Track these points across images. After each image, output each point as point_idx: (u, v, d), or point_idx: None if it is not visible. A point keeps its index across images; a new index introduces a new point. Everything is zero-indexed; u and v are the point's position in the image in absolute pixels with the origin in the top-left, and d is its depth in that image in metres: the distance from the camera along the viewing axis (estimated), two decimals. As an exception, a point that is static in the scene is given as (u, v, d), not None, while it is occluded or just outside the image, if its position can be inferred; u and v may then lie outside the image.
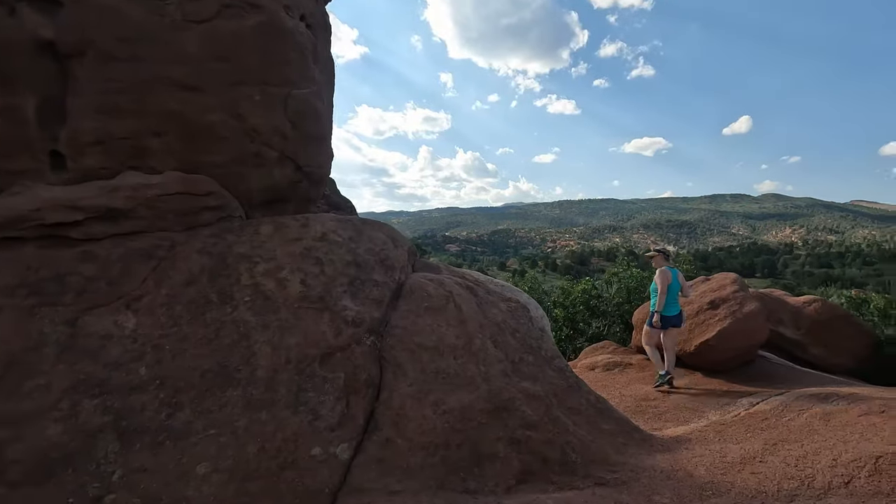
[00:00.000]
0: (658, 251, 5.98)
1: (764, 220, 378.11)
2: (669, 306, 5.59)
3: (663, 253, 5.90)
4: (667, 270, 5.67)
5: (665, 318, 5.57)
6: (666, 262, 5.84)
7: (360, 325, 3.28)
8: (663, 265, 5.77)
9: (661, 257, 5.86)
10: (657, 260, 5.92)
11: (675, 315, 5.62)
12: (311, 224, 4.06)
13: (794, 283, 79.70)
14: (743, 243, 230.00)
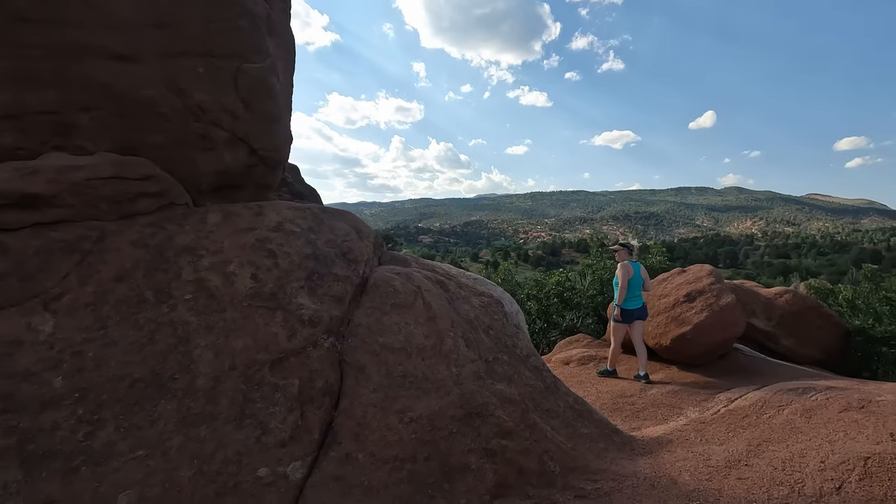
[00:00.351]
0: (621, 245, 5.97)
1: (727, 212, 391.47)
2: (633, 300, 5.63)
3: (626, 247, 5.92)
4: (628, 264, 5.70)
5: (628, 311, 5.61)
6: (629, 257, 5.86)
7: (317, 325, 2.95)
8: (625, 259, 5.79)
9: (624, 251, 5.88)
10: (620, 254, 5.93)
11: (639, 308, 5.66)
12: (265, 212, 3.68)
13: (755, 272, 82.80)
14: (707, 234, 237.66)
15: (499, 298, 4.41)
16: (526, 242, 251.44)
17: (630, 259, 5.87)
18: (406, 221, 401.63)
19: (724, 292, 5.45)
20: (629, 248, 5.91)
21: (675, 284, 5.93)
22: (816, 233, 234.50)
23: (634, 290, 5.66)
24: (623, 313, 5.65)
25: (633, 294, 5.67)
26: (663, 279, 6.28)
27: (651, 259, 9.16)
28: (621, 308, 5.64)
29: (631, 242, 6.09)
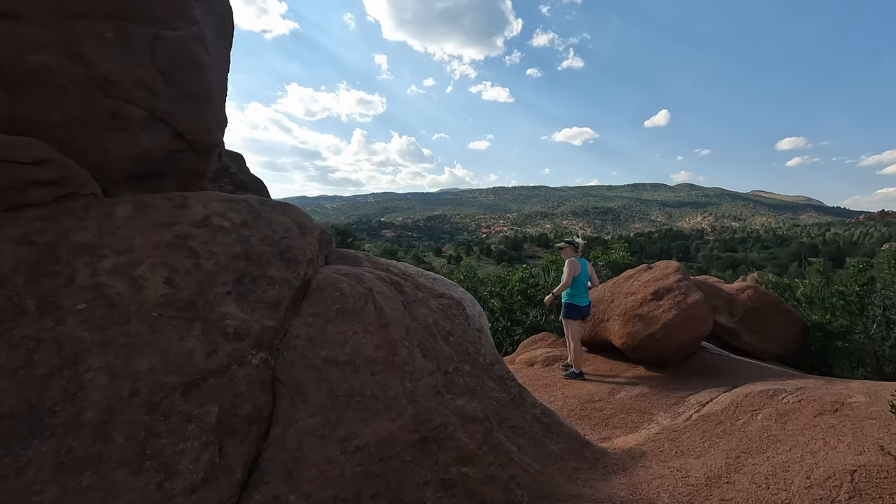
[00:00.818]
0: (567, 242, 5.97)
1: (679, 207, 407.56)
2: (580, 297, 5.64)
3: (572, 244, 5.92)
4: (575, 261, 5.69)
5: (576, 307, 5.62)
6: (574, 254, 5.85)
7: (244, 339, 2.49)
8: (571, 256, 5.78)
9: (569, 249, 5.89)
10: (565, 251, 5.92)
11: (586, 306, 5.70)
12: (189, 205, 3.16)
13: (705, 266, 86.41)
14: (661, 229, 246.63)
15: (459, 300, 4.05)
16: (488, 237, 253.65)
17: (576, 255, 5.84)
18: (368, 216, 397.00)
19: (691, 290, 5.30)
20: (574, 245, 5.89)
21: (642, 282, 5.76)
22: (760, 228, 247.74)
23: (581, 287, 5.69)
24: (574, 309, 5.64)
25: (581, 291, 5.67)
26: (630, 276, 6.10)
27: (614, 255, 9.07)
28: (573, 304, 5.64)
29: (576, 239, 6.04)
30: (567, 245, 5.86)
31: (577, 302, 5.64)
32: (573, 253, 5.82)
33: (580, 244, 5.94)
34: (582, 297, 5.68)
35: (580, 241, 5.97)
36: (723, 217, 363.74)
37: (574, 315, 5.64)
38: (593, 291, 6.38)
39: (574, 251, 5.82)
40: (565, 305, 5.68)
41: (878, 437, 2.95)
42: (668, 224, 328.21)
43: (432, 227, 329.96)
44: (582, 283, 5.68)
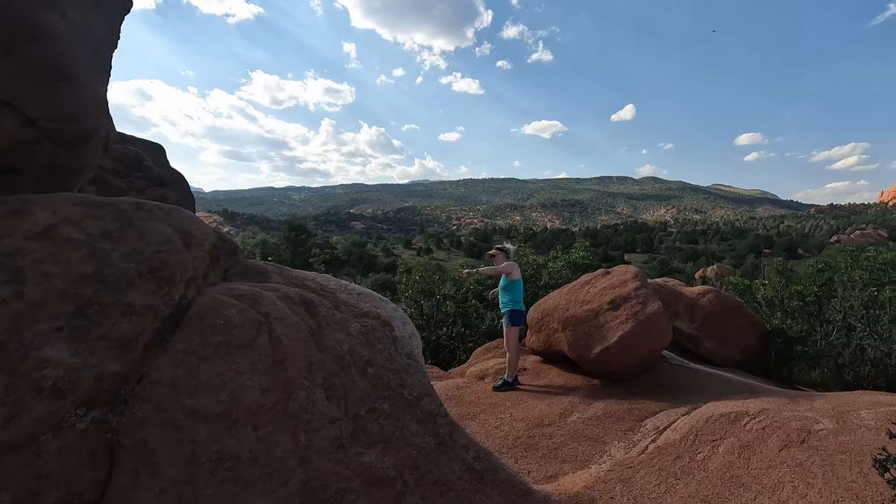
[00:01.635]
0: (498, 249, 5.72)
1: (644, 200, 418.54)
2: (522, 302, 5.42)
3: (504, 251, 5.66)
4: (514, 264, 5.49)
5: (522, 314, 5.41)
6: (506, 260, 5.57)
7: (66, 395, 1.88)
8: (505, 262, 5.53)
9: (501, 256, 5.62)
10: (498, 258, 5.64)
11: (526, 312, 5.60)
12: (30, 210, 2.50)
13: (668, 257, 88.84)
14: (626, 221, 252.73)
15: (388, 319, 3.51)
16: (459, 229, 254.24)
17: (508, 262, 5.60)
18: (337, 207, 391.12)
19: (650, 299, 4.93)
20: (506, 251, 5.65)
21: (598, 289, 5.36)
22: (720, 220, 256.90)
23: (520, 291, 5.45)
24: (520, 316, 5.39)
25: (521, 296, 5.43)
26: (586, 282, 5.70)
27: (574, 255, 8.72)
28: (520, 311, 5.38)
29: (506, 245, 5.82)
30: (499, 252, 5.61)
31: (520, 307, 5.39)
32: (505, 260, 5.55)
33: (511, 250, 5.72)
34: (521, 303, 5.44)
35: (510, 246, 5.71)
36: (685, 210, 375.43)
37: (520, 322, 5.38)
38: (547, 299, 5.97)
39: (506, 258, 5.56)
40: (512, 312, 5.35)
41: (851, 479, 2.59)
42: (634, 216, 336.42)
43: (402, 218, 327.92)
44: (519, 284, 5.43)
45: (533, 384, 5.44)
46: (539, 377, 5.62)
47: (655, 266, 67.01)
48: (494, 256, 5.59)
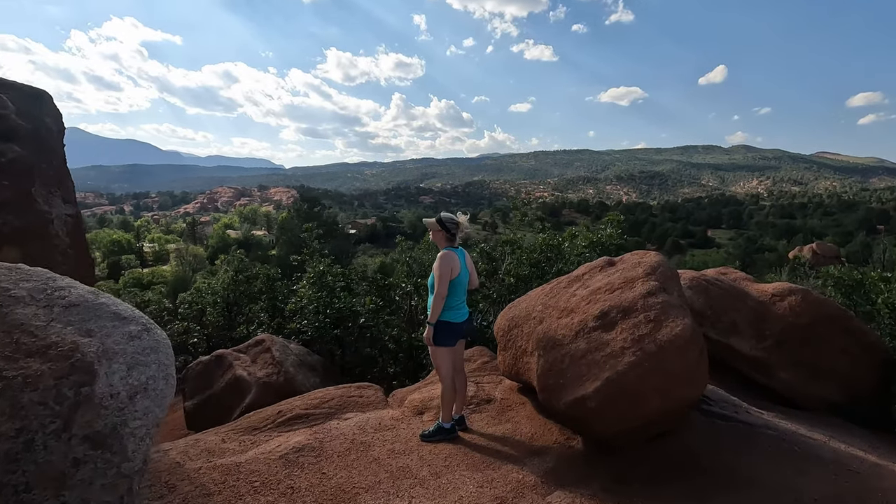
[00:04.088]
0: (439, 222, 3.53)
1: (733, 171, 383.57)
2: (456, 309, 3.46)
3: (444, 226, 3.52)
4: (451, 254, 3.43)
5: (449, 326, 3.43)
6: (449, 241, 3.53)
7: None
8: (444, 245, 3.52)
9: (440, 234, 3.52)
10: (436, 235, 3.56)
11: (464, 321, 3.53)
12: None
13: (758, 233, 79.67)
14: (712, 194, 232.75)
15: (90, 362, 1.83)
16: (527, 203, 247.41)
17: (451, 245, 3.51)
18: (407, 182, 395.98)
19: (670, 313, 2.81)
20: (448, 226, 3.50)
21: (589, 290, 3.28)
22: (823, 192, 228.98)
23: (459, 293, 3.46)
24: (447, 330, 3.42)
25: (458, 300, 3.47)
26: (576, 278, 3.61)
27: (601, 232, 6.48)
28: (445, 321, 3.41)
29: (455, 216, 3.57)
30: (438, 227, 3.49)
31: (452, 317, 3.41)
32: (446, 240, 3.50)
33: (461, 225, 3.53)
34: (459, 309, 3.46)
35: (462, 218, 3.56)
36: (781, 181, 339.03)
37: (447, 338, 3.43)
38: (523, 300, 3.97)
39: (447, 237, 3.50)
40: (438, 324, 3.42)
41: None
42: (721, 189, 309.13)
43: (471, 192, 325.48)
44: (461, 285, 3.44)
45: (486, 431, 3.56)
46: (501, 419, 3.72)
47: (741, 244, 60.07)
48: (433, 232, 3.55)
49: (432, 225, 3.51)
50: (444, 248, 3.47)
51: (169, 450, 3.62)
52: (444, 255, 3.36)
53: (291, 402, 4.25)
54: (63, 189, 4.63)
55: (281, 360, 5.66)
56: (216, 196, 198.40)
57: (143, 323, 2.10)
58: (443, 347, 3.42)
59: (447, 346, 3.43)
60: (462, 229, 3.50)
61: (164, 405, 1.96)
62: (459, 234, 3.50)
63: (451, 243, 3.48)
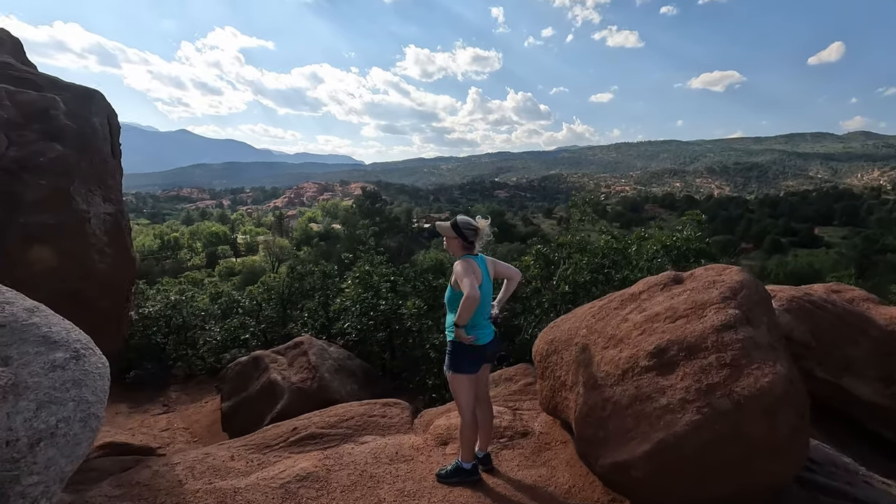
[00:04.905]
0: (454, 226, 2.92)
1: (849, 161, 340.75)
2: (480, 328, 2.87)
3: (460, 230, 2.90)
4: (472, 262, 2.82)
5: (473, 348, 2.82)
6: (465, 249, 2.91)
7: None
8: (462, 254, 2.91)
9: (456, 241, 2.92)
10: (451, 244, 2.96)
11: (488, 343, 2.90)
12: None
13: (879, 231, 69.60)
14: (821, 187, 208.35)
15: None
16: (608, 197, 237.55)
17: (471, 253, 2.91)
18: (482, 176, 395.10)
19: (756, 354, 2.03)
20: (465, 232, 2.88)
21: (644, 316, 2.54)
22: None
23: (481, 309, 2.84)
24: (464, 355, 2.84)
25: (481, 317, 2.87)
26: (629, 298, 2.85)
27: (678, 234, 5.47)
28: (462, 344, 2.82)
29: (474, 221, 2.91)
30: (453, 233, 2.89)
31: (486, 338, 2.87)
32: (462, 248, 2.90)
33: (480, 232, 2.90)
34: (482, 328, 2.86)
35: (482, 223, 2.91)
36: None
37: (468, 363, 2.85)
38: (568, 318, 3.29)
39: (463, 244, 2.89)
40: (455, 348, 2.88)
41: None
42: (833, 181, 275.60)
43: (547, 187, 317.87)
44: (483, 296, 2.79)
45: (515, 476, 2.98)
46: (536, 460, 3.12)
47: (856, 243, 52.74)
48: (447, 238, 2.97)
49: (446, 230, 2.96)
50: (460, 255, 2.92)
51: (177, 463, 3.43)
52: (463, 263, 2.82)
53: (310, 418, 3.93)
54: (104, 187, 4.65)
55: (317, 365, 5.42)
56: (302, 191, 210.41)
57: (74, 350, 1.79)
58: (463, 375, 2.88)
59: (469, 374, 2.89)
60: (482, 236, 2.92)
61: (77, 454, 1.62)
62: (479, 242, 2.94)
63: (467, 251, 2.92)
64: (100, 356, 1.86)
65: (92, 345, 1.87)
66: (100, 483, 3.18)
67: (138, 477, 3.24)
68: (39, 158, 4.22)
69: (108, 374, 1.84)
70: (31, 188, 4.03)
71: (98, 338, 4.49)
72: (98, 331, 4.47)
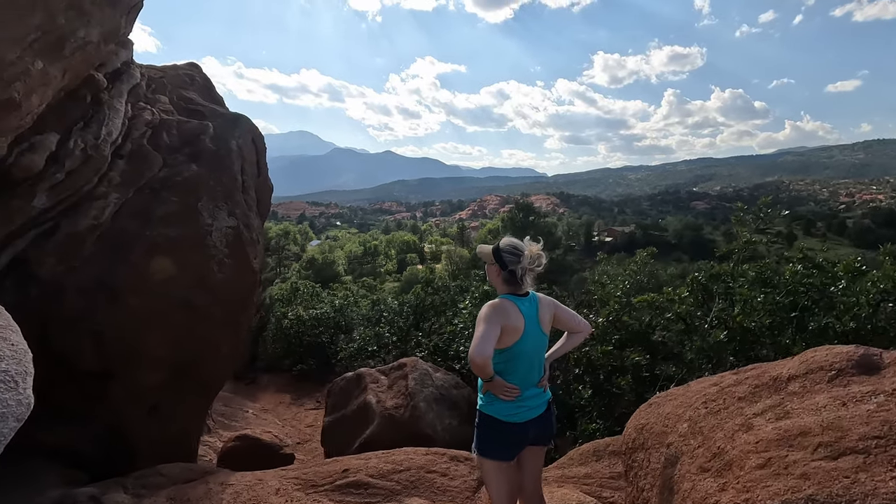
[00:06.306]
0: (495, 252, 2.13)
1: None
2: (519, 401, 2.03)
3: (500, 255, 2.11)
4: (507, 304, 2.04)
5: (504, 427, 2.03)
6: (508, 284, 2.10)
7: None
8: (503, 288, 2.12)
9: (496, 271, 2.14)
10: (490, 272, 2.20)
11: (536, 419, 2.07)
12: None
13: None
14: None
15: None
16: (849, 208, 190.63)
17: (512, 291, 2.10)
18: (677, 185, 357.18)
19: None
20: (505, 258, 2.08)
21: (782, 429, 1.36)
22: None
23: (520, 369, 2.05)
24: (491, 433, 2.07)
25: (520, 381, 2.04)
26: (767, 384, 1.61)
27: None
28: (492, 418, 2.05)
29: (518, 245, 2.10)
30: (492, 259, 2.12)
31: (505, 412, 2.02)
32: (503, 282, 2.11)
33: (525, 257, 2.06)
34: (522, 401, 2.03)
35: (532, 248, 2.08)
36: None
37: (497, 447, 2.06)
38: (668, 398, 2.15)
39: (507, 276, 2.09)
40: (480, 418, 2.12)
41: None
42: None
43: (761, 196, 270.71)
44: (523, 357, 2.04)
45: None
46: None
47: None
48: (487, 265, 2.22)
49: (485, 256, 2.20)
50: (501, 293, 2.12)
51: (231, 485, 3.34)
52: (494, 303, 2.03)
53: (368, 460, 3.51)
54: (231, 202, 5.04)
55: (413, 392, 5.02)
56: (485, 203, 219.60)
57: None
58: (491, 461, 2.07)
59: (499, 460, 2.06)
60: (526, 263, 2.06)
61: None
62: (528, 276, 2.09)
63: (511, 288, 2.10)
64: (21, 391, 1.68)
65: (19, 377, 1.71)
66: (159, 491, 3.27)
67: (192, 493, 3.23)
68: (177, 177, 4.76)
69: (20, 414, 1.65)
70: (163, 203, 4.54)
71: (211, 343, 4.87)
72: (210, 337, 4.85)
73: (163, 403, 4.35)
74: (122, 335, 3.93)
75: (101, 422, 3.97)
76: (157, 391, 4.26)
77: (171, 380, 4.34)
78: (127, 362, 3.99)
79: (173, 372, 4.34)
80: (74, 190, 4.29)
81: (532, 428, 2.07)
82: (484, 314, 1.97)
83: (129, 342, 3.98)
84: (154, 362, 4.16)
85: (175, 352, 4.29)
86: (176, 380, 4.38)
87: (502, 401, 2.02)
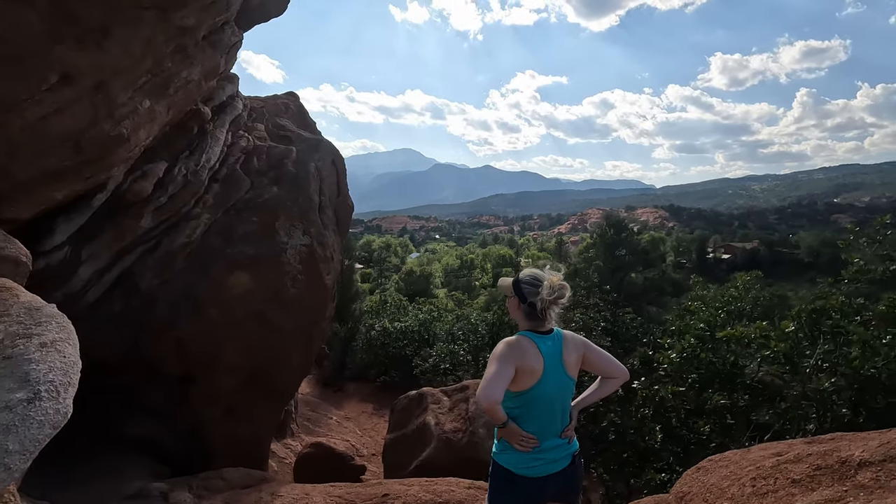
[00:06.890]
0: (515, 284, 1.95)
1: None
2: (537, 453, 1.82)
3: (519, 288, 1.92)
4: (524, 341, 1.85)
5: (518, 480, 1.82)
6: (529, 319, 1.90)
7: None
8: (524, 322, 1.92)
9: (515, 303, 1.94)
10: (510, 306, 2.02)
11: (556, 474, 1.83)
12: None
13: None
14: None
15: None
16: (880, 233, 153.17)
17: (534, 327, 1.89)
18: (812, 196, 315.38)
19: None
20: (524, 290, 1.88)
21: None
22: None
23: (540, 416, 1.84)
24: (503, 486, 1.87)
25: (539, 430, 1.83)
26: (830, 467, 1.25)
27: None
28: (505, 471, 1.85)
29: (538, 275, 1.90)
30: (511, 291, 1.94)
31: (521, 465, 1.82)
32: (524, 316, 1.90)
33: (544, 288, 1.82)
34: (541, 452, 1.82)
35: (551, 279, 1.83)
36: None
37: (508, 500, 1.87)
38: (720, 465, 1.78)
39: (527, 311, 1.89)
40: (493, 467, 1.92)
41: None
42: None
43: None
44: (542, 402, 1.82)
45: None
46: None
47: None
48: (507, 301, 2.07)
49: (505, 289, 2.03)
50: (521, 329, 1.95)
51: (280, 497, 3.47)
52: (509, 340, 1.86)
53: (408, 487, 3.45)
54: (306, 222, 5.35)
55: (474, 417, 4.88)
56: (586, 217, 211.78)
57: (37, 391, 1.84)
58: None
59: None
60: (545, 294, 1.85)
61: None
62: (550, 308, 1.88)
63: (532, 323, 1.90)
64: (61, 401, 1.87)
65: (62, 387, 1.91)
66: (217, 495, 3.49)
67: (244, 500, 3.41)
68: (258, 199, 5.17)
69: (56, 422, 1.83)
70: (245, 223, 4.95)
71: (283, 354, 5.16)
72: (282, 348, 5.14)
73: (237, 407, 4.70)
74: (202, 343, 4.33)
75: (183, 421, 4.39)
76: (232, 396, 4.61)
77: (246, 386, 4.68)
78: (206, 368, 4.39)
79: (247, 379, 4.67)
80: (174, 211, 4.83)
81: (552, 484, 1.85)
82: (497, 352, 1.82)
83: (208, 350, 4.37)
84: (230, 369, 4.52)
85: (249, 360, 4.62)
86: (250, 386, 4.71)
87: (517, 451, 1.84)
